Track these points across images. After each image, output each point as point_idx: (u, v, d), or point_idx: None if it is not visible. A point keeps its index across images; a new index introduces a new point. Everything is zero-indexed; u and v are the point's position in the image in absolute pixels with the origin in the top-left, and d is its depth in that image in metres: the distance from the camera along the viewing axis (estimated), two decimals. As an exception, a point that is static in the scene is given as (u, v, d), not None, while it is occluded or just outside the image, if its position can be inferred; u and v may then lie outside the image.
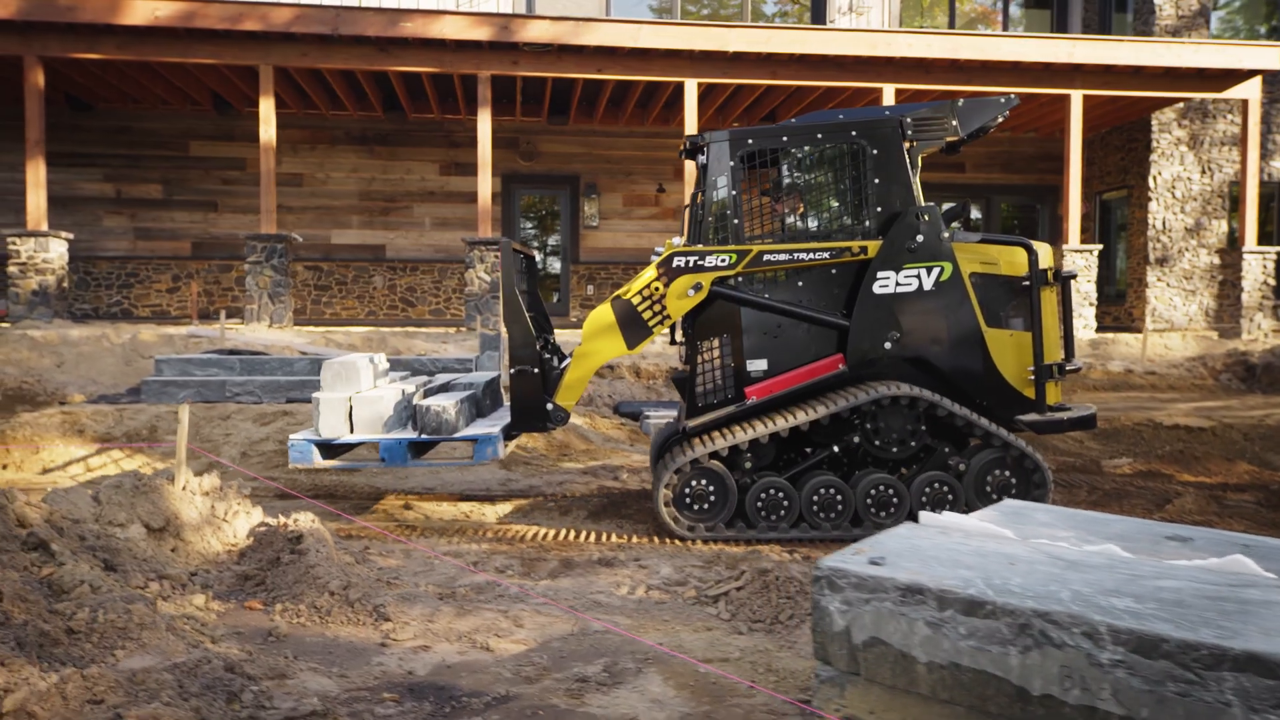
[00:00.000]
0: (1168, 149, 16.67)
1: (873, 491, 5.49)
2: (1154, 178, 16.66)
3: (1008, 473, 5.53)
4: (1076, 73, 14.15)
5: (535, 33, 13.01)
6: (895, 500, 5.49)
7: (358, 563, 4.41)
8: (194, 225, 17.17)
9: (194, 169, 17.12)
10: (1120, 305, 17.58)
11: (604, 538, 5.48)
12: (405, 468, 5.95)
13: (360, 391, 5.76)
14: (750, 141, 5.75)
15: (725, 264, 5.63)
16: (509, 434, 5.96)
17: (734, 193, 5.72)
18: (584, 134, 17.89)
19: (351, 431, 5.64)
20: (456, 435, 5.70)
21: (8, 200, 16.59)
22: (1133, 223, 17.34)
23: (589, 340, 5.77)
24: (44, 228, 12.67)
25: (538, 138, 17.85)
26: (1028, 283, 5.58)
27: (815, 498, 5.48)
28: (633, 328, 5.69)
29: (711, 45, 13.25)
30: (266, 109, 13.11)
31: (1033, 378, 5.59)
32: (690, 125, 13.85)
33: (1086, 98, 14.85)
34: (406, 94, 15.85)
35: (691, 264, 5.64)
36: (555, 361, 6.17)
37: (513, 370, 5.76)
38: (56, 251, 12.67)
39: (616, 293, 5.78)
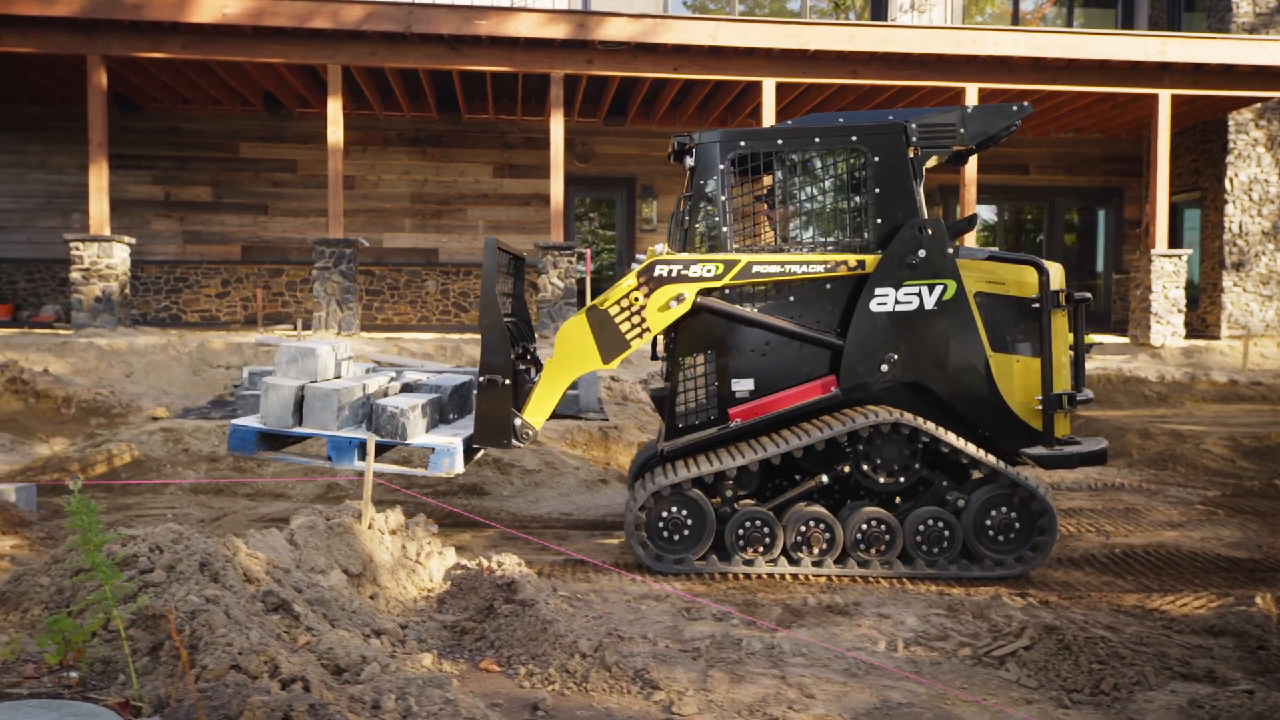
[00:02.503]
0: (1245, 150, 16.21)
1: (864, 526, 5.05)
2: (1230, 180, 16.20)
3: (1010, 511, 5.06)
4: (1165, 71, 13.70)
5: (612, 31, 12.60)
6: (888, 536, 5.05)
7: (574, 611, 4.00)
8: (244, 229, 16.78)
9: (244, 171, 16.72)
10: (1193, 311, 17.12)
11: (802, 577, 5.05)
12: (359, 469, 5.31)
13: (315, 381, 5.30)
14: (743, 144, 5.34)
15: (711, 274, 5.19)
16: (470, 447, 5.47)
17: (724, 198, 5.30)
18: (641, 135, 17.48)
19: (300, 424, 5.15)
20: (412, 441, 5.18)
21: (55, 203, 16.22)
22: (1206, 226, 16.88)
23: (561, 351, 5.33)
24: (106, 232, 12.28)
25: (594, 139, 17.44)
26: (1037, 305, 5.14)
27: (801, 530, 5.04)
28: (609, 341, 5.24)
29: (791, 43, 12.83)
30: (334, 109, 12.71)
31: (1040, 408, 5.14)
32: (767, 125, 13.42)
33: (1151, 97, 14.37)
34: (464, 94, 15.44)
35: (675, 273, 5.19)
36: (532, 373, 5.74)
37: (482, 379, 5.30)
38: (119, 257, 12.27)
39: (593, 302, 5.35)
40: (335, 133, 12.72)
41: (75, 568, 3.02)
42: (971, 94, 13.47)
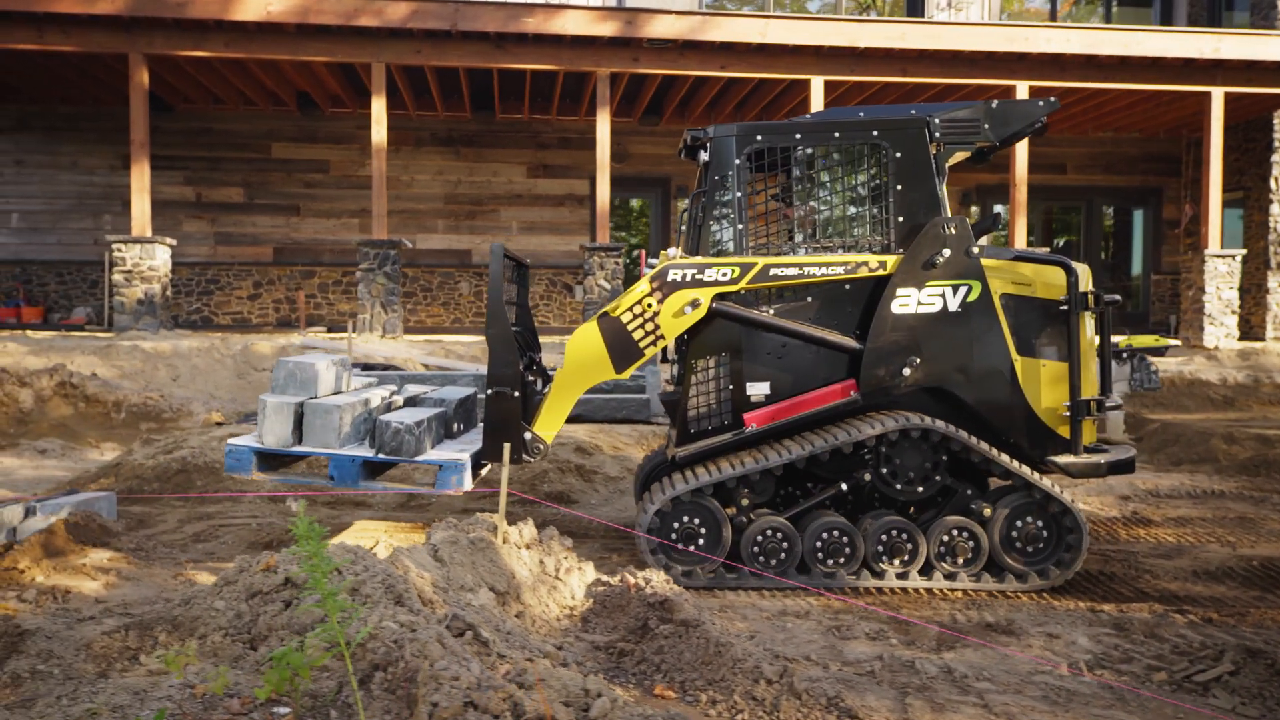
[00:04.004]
0: (1290, 149, 15.98)
1: (884, 536, 4.84)
2: (1276, 179, 15.99)
3: (1038, 521, 4.86)
4: (1218, 69, 13.50)
5: (661, 28, 12.40)
6: (910, 547, 4.84)
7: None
8: (276, 230, 16.58)
9: (276, 172, 16.53)
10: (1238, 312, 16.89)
11: (936, 592, 4.84)
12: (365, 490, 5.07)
13: (315, 397, 5.05)
14: (759, 138, 5.12)
15: (727, 278, 4.99)
16: (479, 462, 5.25)
17: (739, 195, 5.09)
18: (676, 135, 17.25)
19: (299, 442, 4.92)
20: (418, 458, 4.95)
21: (86, 204, 16.04)
22: (1250, 226, 16.66)
23: (573, 363, 5.09)
24: (148, 233, 12.08)
25: (629, 139, 17.23)
26: (1065, 307, 4.95)
27: (820, 541, 4.83)
28: (622, 349, 5.02)
29: (841, 41, 12.63)
30: (378, 109, 12.51)
31: (1067, 414, 4.94)
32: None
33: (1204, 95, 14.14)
34: (500, 93, 15.25)
35: (689, 278, 4.99)
36: (539, 385, 5.51)
37: (490, 391, 5.08)
38: (161, 258, 12.08)
39: (604, 309, 5.13)
40: (379, 132, 12.52)
41: (249, 589, 2.82)
42: (1021, 91, 13.27)
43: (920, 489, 4.90)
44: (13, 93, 15.05)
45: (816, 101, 13.19)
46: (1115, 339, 9.60)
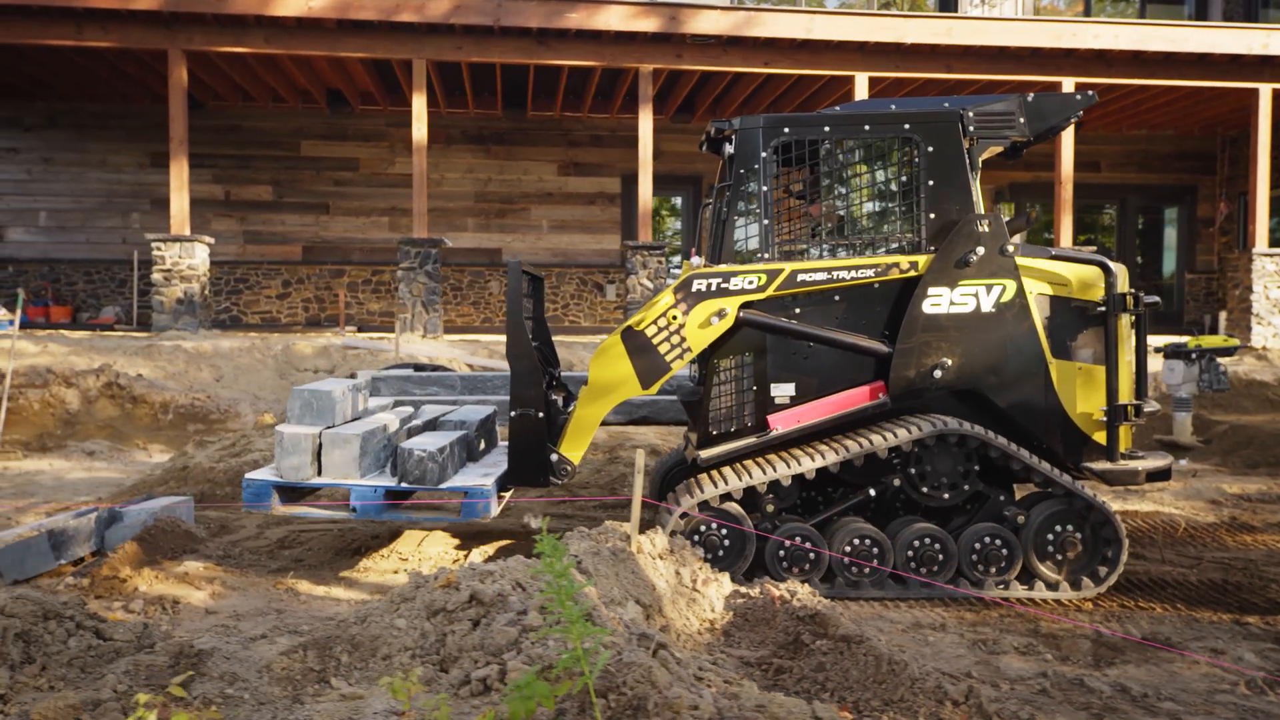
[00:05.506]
0: (1330, 146, 15.81)
1: (915, 544, 4.68)
2: (1318, 177, 15.83)
3: (1073, 528, 4.69)
4: (1265, 65, 13.32)
5: (705, 25, 12.23)
6: (941, 555, 4.68)
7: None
8: (305, 229, 16.42)
9: (305, 170, 16.36)
10: (1275, 311, 16.73)
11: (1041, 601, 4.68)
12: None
13: (333, 426, 4.91)
14: (787, 130, 4.95)
15: (754, 286, 4.83)
16: (504, 486, 5.10)
17: (765, 189, 4.91)
18: (708, 132, 17.09)
19: (319, 474, 4.78)
20: (443, 486, 4.82)
21: (115, 203, 15.87)
22: (1289, 224, 16.50)
23: (597, 380, 4.91)
24: (187, 232, 11.92)
25: (660, 136, 16.98)
26: (1103, 308, 4.79)
27: (848, 549, 4.66)
28: (648, 364, 4.84)
29: (887, 36, 12.47)
30: (419, 106, 12.35)
31: (1104, 419, 4.79)
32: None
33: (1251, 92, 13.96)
34: (534, 89, 15.08)
35: (714, 287, 4.83)
36: (562, 403, 5.34)
37: (514, 413, 4.94)
38: (200, 257, 11.92)
39: (628, 322, 4.95)
40: (419, 129, 12.36)
41: (429, 607, 2.65)
42: (1066, 88, 13.10)
43: (951, 495, 4.75)
44: (43, 89, 14.89)
45: (858, 98, 13.02)
46: (1183, 339, 9.46)
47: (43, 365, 9.99)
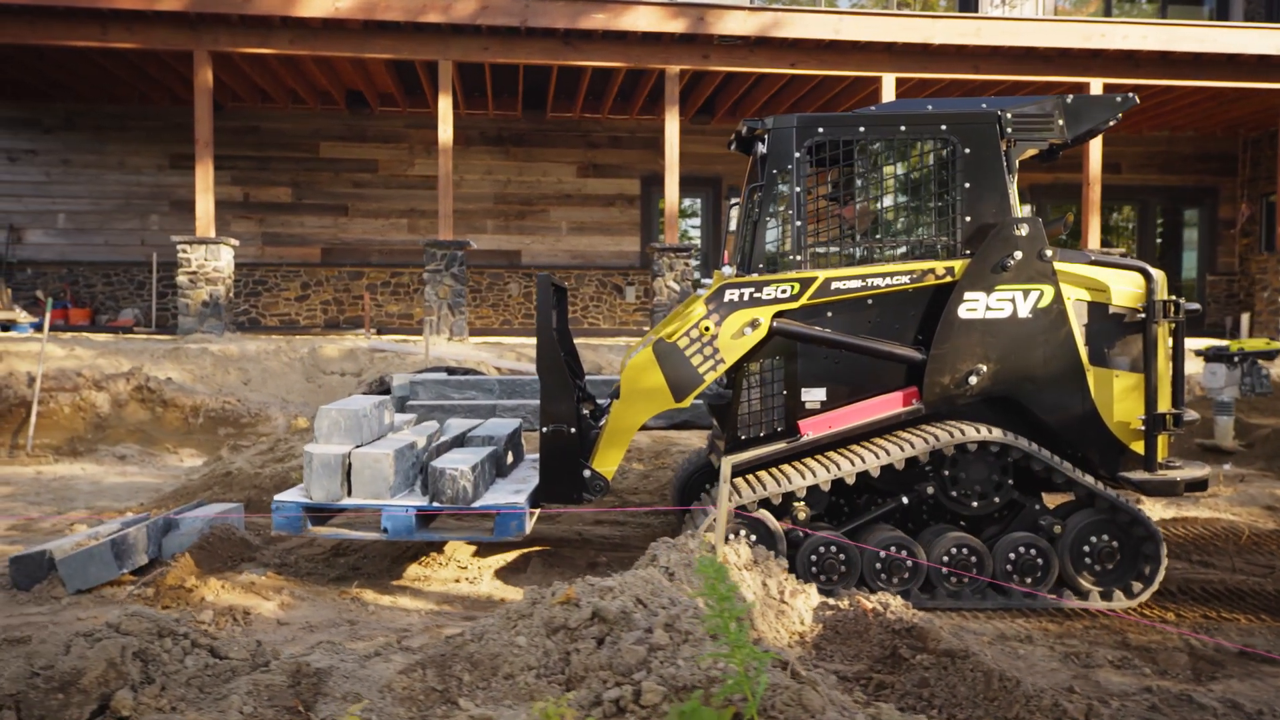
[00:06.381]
0: (1353, 148, 15.72)
1: (950, 552, 4.58)
2: (1342, 178, 15.71)
3: (1111, 538, 4.61)
4: (1295, 66, 13.24)
5: (733, 25, 12.16)
6: (975, 564, 4.58)
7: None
8: (324, 231, 16.34)
9: (324, 171, 16.29)
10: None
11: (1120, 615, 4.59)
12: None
13: (361, 446, 4.86)
14: (821, 130, 4.86)
15: (787, 295, 4.75)
16: (536, 502, 5.03)
17: (798, 190, 4.82)
18: (727, 134, 17.00)
19: (349, 495, 4.73)
20: (476, 505, 4.76)
21: (133, 205, 15.80)
22: (1315, 226, 16.39)
23: (630, 393, 4.83)
24: (212, 233, 11.85)
25: (680, 137, 16.95)
26: (1142, 315, 4.71)
27: (880, 558, 4.56)
28: (681, 377, 4.76)
29: (914, 37, 12.40)
30: (445, 107, 12.27)
31: (1142, 428, 4.70)
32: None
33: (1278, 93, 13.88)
34: (555, 90, 15.00)
35: (747, 297, 4.75)
36: (592, 416, 5.25)
37: (546, 429, 4.87)
38: (225, 259, 11.85)
39: (660, 334, 4.88)
40: (445, 131, 12.29)
41: (548, 624, 2.57)
42: (1095, 89, 13.02)
43: (981, 504, 4.67)
44: (61, 90, 14.82)
45: (884, 99, 12.93)
46: (1224, 343, 9.37)
47: (71, 368, 9.91)
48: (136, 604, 4.13)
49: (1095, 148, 13.18)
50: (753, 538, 4.55)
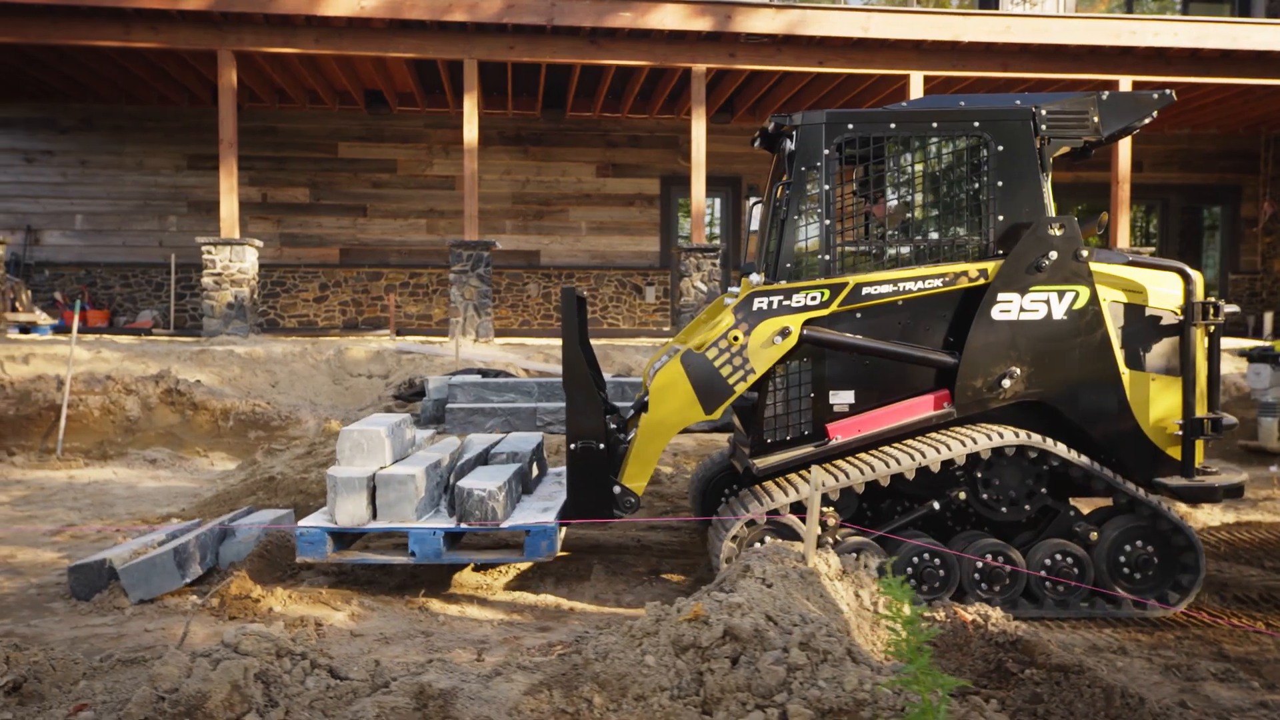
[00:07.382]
0: (1381, 145, 15.62)
1: (982, 560, 4.47)
2: (1367, 176, 15.61)
3: (1148, 545, 4.51)
4: (1326, 63, 13.11)
5: (759, 24, 12.04)
6: (1008, 572, 4.47)
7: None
8: (342, 231, 16.24)
9: (342, 171, 16.18)
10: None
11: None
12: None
13: (385, 467, 4.76)
14: (851, 126, 4.75)
15: (816, 302, 4.65)
16: (564, 518, 4.92)
17: (827, 188, 4.71)
18: (747, 133, 16.91)
19: (374, 518, 4.63)
20: (505, 525, 4.67)
21: (151, 206, 15.70)
22: (1334, 224, 16.29)
23: (658, 405, 4.72)
24: (237, 234, 11.75)
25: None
26: (1180, 317, 4.60)
27: (913, 565, 4.45)
28: (710, 388, 4.66)
29: (943, 35, 12.29)
30: (470, 106, 12.17)
31: (1179, 433, 4.59)
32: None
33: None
34: (575, 90, 14.90)
35: (776, 305, 4.65)
36: (619, 431, 5.12)
37: (574, 446, 4.76)
38: (250, 260, 11.74)
39: (688, 345, 4.77)
40: (471, 130, 12.18)
41: (676, 643, 2.47)
42: (1125, 87, 12.91)
43: (1016, 510, 4.57)
44: (79, 90, 14.72)
45: (911, 97, 12.82)
46: (1269, 343, 9.26)
47: (100, 372, 9.82)
48: (204, 615, 4.03)
49: (1125, 146, 13.07)
50: (779, 539, 4.42)
